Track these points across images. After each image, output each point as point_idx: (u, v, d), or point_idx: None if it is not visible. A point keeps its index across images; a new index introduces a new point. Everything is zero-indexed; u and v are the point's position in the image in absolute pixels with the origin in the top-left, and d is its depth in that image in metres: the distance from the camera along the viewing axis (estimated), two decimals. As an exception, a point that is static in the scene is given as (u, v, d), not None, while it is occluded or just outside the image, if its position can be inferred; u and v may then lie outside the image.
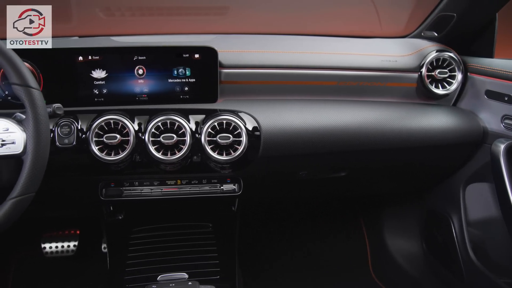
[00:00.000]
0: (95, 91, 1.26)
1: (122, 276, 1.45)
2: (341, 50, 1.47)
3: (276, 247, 2.09)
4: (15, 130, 0.97)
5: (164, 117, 1.22)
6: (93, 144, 1.19)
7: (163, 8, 1.74)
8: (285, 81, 1.37)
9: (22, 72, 0.97)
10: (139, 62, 1.26)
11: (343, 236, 2.13)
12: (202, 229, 1.59)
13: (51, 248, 1.95)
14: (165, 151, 1.21)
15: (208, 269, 1.46)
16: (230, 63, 1.33)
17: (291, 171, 1.44)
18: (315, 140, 1.31)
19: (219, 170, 1.32)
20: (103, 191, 1.33)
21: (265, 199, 1.82)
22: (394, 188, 1.82)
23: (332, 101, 1.41)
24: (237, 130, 1.23)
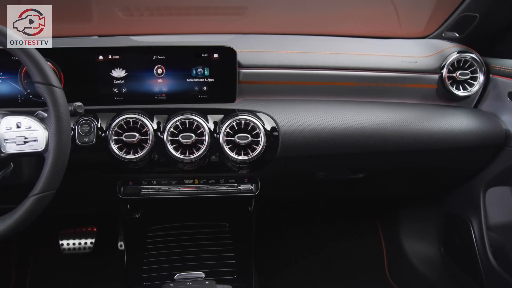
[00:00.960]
0: (115, 90, 1.27)
1: (139, 274, 1.46)
2: (360, 50, 1.46)
3: (292, 248, 2.08)
4: (38, 128, 0.98)
5: (182, 116, 1.22)
6: (112, 143, 1.20)
7: (181, 8, 1.75)
8: (304, 81, 1.36)
9: (45, 71, 0.98)
10: (159, 62, 1.27)
11: (359, 239, 2.11)
12: (219, 228, 1.59)
13: (68, 245, 1.97)
14: (184, 150, 1.22)
15: (224, 269, 1.46)
16: (248, 63, 1.33)
17: (309, 172, 1.44)
18: (333, 141, 1.30)
19: (237, 170, 1.32)
20: (121, 189, 1.34)
21: (281, 199, 1.82)
22: (412, 190, 1.80)
23: (350, 102, 1.40)
24: (255, 130, 1.23)
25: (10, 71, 1.24)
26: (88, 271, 1.98)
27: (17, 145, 0.98)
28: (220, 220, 1.61)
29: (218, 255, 1.51)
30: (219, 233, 1.58)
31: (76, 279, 1.95)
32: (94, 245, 1.97)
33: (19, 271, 1.97)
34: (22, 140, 0.98)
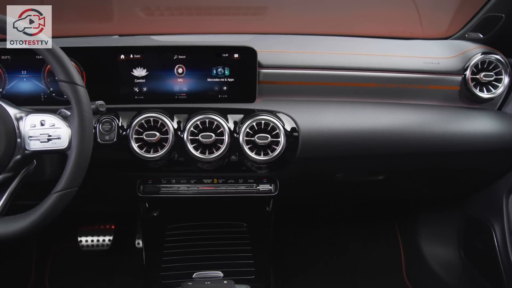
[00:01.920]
0: (136, 89, 1.28)
1: (158, 271, 1.47)
2: (381, 51, 1.44)
3: (309, 249, 2.07)
4: (61, 126, 0.99)
5: (203, 116, 1.23)
6: (133, 141, 1.21)
7: (201, 7, 1.76)
8: (324, 82, 1.35)
9: (69, 69, 0.99)
10: (179, 61, 1.27)
11: (376, 241, 2.09)
12: (236, 228, 1.59)
13: (87, 241, 2.00)
14: (203, 149, 1.22)
15: (242, 269, 1.46)
16: (268, 63, 1.33)
17: (328, 173, 1.43)
18: (353, 143, 1.29)
19: (256, 170, 1.32)
20: (141, 187, 1.35)
21: (299, 200, 1.82)
22: (432, 193, 1.78)
23: (371, 103, 1.38)
24: (275, 130, 1.23)
25: (34, 70, 1.26)
26: (106, 267, 2.00)
27: (41, 142, 1.00)
28: (237, 220, 1.62)
29: (236, 255, 1.51)
30: (237, 233, 1.58)
31: (94, 275, 1.97)
32: (112, 242, 2.00)
33: (38, 266, 2.01)
34: (46, 138, 0.99)
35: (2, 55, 1.25)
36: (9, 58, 1.25)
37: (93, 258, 2.04)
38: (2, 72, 1.25)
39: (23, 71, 1.26)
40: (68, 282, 1.96)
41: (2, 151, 0.96)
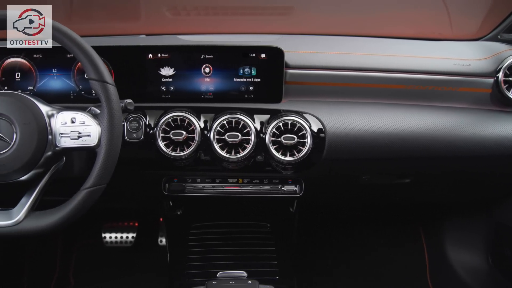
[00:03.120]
0: (163, 88, 1.29)
1: (182, 269, 1.48)
2: (410, 52, 1.42)
3: (332, 251, 2.05)
4: (91, 124, 1.00)
5: (229, 115, 1.23)
6: (160, 140, 1.22)
7: (227, 7, 1.76)
8: (351, 83, 1.34)
9: (100, 68, 1.01)
10: (206, 61, 1.28)
11: (400, 245, 2.06)
12: (260, 228, 1.59)
13: (111, 238, 2.03)
14: (229, 149, 1.22)
15: (266, 269, 1.46)
16: (295, 64, 1.32)
17: (354, 174, 1.41)
18: (380, 145, 1.28)
19: (281, 171, 1.31)
20: (166, 186, 1.36)
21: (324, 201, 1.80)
22: (460, 197, 1.74)
23: (399, 105, 1.36)
24: (302, 131, 1.22)
25: (64, 68, 1.28)
26: (129, 264, 2.03)
27: (71, 139, 1.01)
28: (261, 220, 1.61)
29: (259, 255, 1.51)
30: (260, 233, 1.58)
31: (117, 271, 2.00)
32: (135, 239, 2.02)
33: (63, 261, 2.04)
34: (76, 135, 1.01)
35: (34, 53, 1.27)
36: (41, 56, 1.27)
37: (117, 255, 2.07)
38: (34, 71, 1.28)
39: (53, 69, 1.28)
40: (92, 277, 1.99)
41: (34, 147, 0.98)
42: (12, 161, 0.98)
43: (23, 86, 1.28)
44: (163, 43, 1.31)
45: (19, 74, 1.28)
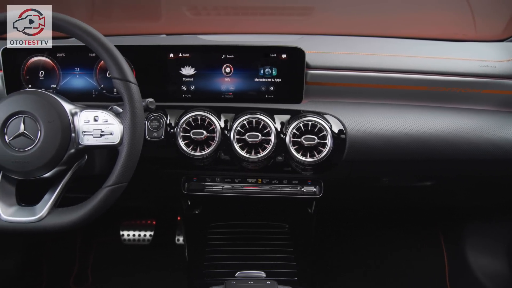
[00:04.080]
0: (183, 87, 1.30)
1: (200, 268, 1.48)
2: (432, 53, 1.40)
3: (350, 253, 2.04)
4: (114, 122, 1.01)
5: (249, 115, 1.23)
6: (180, 139, 1.22)
7: (247, 7, 1.76)
8: (373, 84, 1.32)
9: (123, 67, 1.01)
10: (227, 61, 1.28)
11: (419, 249, 2.03)
12: (278, 229, 1.59)
13: (128, 235, 2.05)
14: (249, 149, 1.22)
15: (285, 270, 1.45)
16: (316, 64, 1.31)
17: (374, 176, 1.40)
18: (401, 147, 1.26)
19: (300, 172, 1.31)
20: (185, 185, 1.36)
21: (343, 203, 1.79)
22: (483, 201, 1.71)
23: (421, 106, 1.34)
24: (322, 132, 1.21)
25: (87, 67, 1.29)
26: (146, 262, 2.04)
27: (94, 137, 1.02)
28: (279, 221, 1.61)
29: (278, 256, 1.51)
30: (278, 234, 1.58)
31: (135, 269, 2.01)
32: (152, 237, 2.04)
33: (82, 258, 2.07)
34: (99, 133, 1.02)
35: (58, 52, 1.29)
36: (64, 55, 1.29)
37: (134, 252, 2.09)
38: (57, 69, 1.29)
39: (76, 68, 1.29)
40: (110, 274, 2.01)
41: (58, 145, 0.99)
42: (36, 158, 0.99)
43: (46, 84, 1.30)
44: (184, 43, 1.32)
45: (42, 73, 1.29)
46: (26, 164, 0.99)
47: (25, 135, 1.00)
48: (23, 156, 0.99)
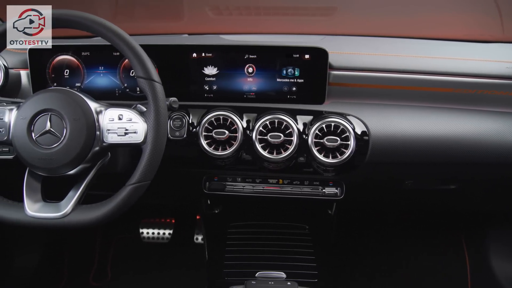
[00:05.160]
0: (206, 87, 1.30)
1: (220, 268, 1.48)
2: (458, 54, 1.38)
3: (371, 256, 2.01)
4: (138, 121, 1.02)
5: (272, 116, 1.22)
6: (202, 138, 1.22)
7: (270, 7, 1.76)
8: (397, 85, 1.30)
9: (147, 66, 1.02)
10: (250, 61, 1.28)
11: (441, 253, 1.99)
12: (298, 230, 1.58)
13: (148, 233, 2.07)
14: (271, 150, 1.22)
15: (305, 271, 1.44)
16: (339, 65, 1.30)
17: (397, 179, 1.38)
18: (426, 149, 1.24)
19: (322, 173, 1.30)
20: (206, 184, 1.37)
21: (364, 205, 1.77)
22: (507, 206, 1.67)
23: (446, 109, 1.31)
24: (345, 133, 1.20)
25: (110, 66, 1.31)
26: (166, 259, 2.06)
27: (118, 136, 1.03)
28: (298, 221, 1.60)
29: (298, 257, 1.50)
30: (298, 235, 1.57)
31: (154, 266, 2.03)
32: (171, 235, 2.05)
33: (101, 254, 2.09)
34: (123, 132, 1.02)
35: (83, 51, 1.30)
36: (89, 54, 1.31)
37: (153, 250, 2.11)
38: (82, 68, 1.31)
39: (100, 67, 1.31)
40: (129, 271, 2.03)
41: (83, 142, 1.00)
42: (62, 155, 1.00)
43: (71, 83, 1.31)
44: (206, 43, 1.32)
45: (67, 71, 1.31)
46: (51, 161, 1.01)
47: (51, 133, 1.01)
48: (49, 153, 1.00)
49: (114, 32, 1.01)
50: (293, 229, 1.59)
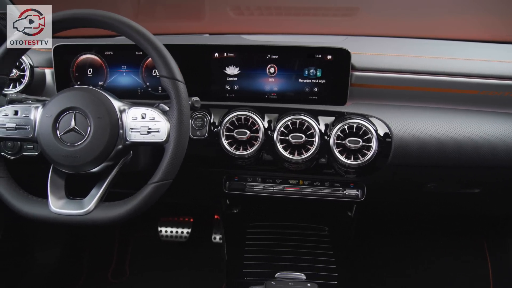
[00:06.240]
0: (227, 87, 1.30)
1: (240, 268, 1.48)
2: (484, 56, 1.35)
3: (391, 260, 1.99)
4: (161, 120, 1.02)
5: (293, 116, 1.22)
6: (224, 138, 1.23)
7: (290, 8, 1.75)
8: (421, 87, 1.28)
9: (171, 66, 1.02)
10: (272, 61, 1.27)
11: (462, 259, 1.96)
12: (318, 231, 1.57)
13: (166, 232, 2.08)
14: (292, 150, 1.21)
15: (325, 273, 1.43)
16: (362, 66, 1.29)
17: (419, 181, 1.36)
18: (450, 152, 1.22)
19: (343, 174, 1.29)
20: (226, 184, 1.37)
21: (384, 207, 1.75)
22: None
23: (471, 111, 1.29)
24: (367, 135, 1.19)
25: (133, 65, 1.32)
26: (184, 258, 2.07)
27: (141, 134, 1.03)
28: (317, 223, 1.59)
29: (318, 259, 1.49)
30: (318, 236, 1.56)
31: (173, 265, 2.04)
32: (190, 234, 2.05)
33: (120, 252, 2.11)
34: (146, 130, 1.03)
35: (106, 50, 1.32)
36: (112, 53, 1.32)
37: (172, 248, 2.12)
38: (105, 67, 1.32)
39: (123, 66, 1.32)
40: (147, 269, 2.05)
41: (107, 141, 1.01)
42: (86, 153, 1.01)
43: (94, 81, 1.33)
44: (228, 43, 1.32)
45: (91, 70, 1.33)
46: (76, 159, 1.02)
47: (75, 131, 1.02)
48: (73, 150, 1.01)
49: (139, 32, 1.02)
50: (312, 231, 1.58)
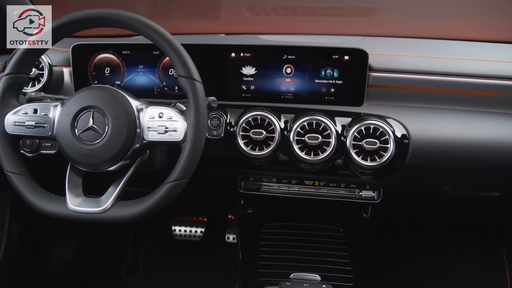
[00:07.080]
0: (243, 87, 1.30)
1: (255, 268, 1.48)
2: (504, 57, 1.32)
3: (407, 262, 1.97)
4: (178, 119, 1.02)
5: (310, 117, 1.21)
6: (240, 138, 1.23)
7: (307, 8, 1.74)
8: (439, 88, 1.27)
9: (189, 65, 1.03)
10: (288, 61, 1.27)
11: (480, 263, 1.93)
12: (333, 232, 1.56)
13: (180, 231, 2.09)
14: (308, 151, 1.21)
15: (340, 274, 1.42)
16: (379, 67, 1.28)
17: (436, 184, 1.34)
18: (468, 154, 1.20)
19: (359, 175, 1.28)
20: (242, 183, 1.37)
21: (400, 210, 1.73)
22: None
23: (490, 113, 1.27)
24: (384, 136, 1.18)
25: (150, 65, 1.33)
26: (197, 257, 2.07)
27: (158, 133, 1.03)
28: (332, 224, 1.58)
29: (332, 260, 1.48)
30: (333, 237, 1.55)
31: (186, 264, 2.05)
32: (203, 234, 2.06)
33: (134, 251, 2.13)
34: (163, 130, 1.03)
35: (123, 50, 1.33)
36: (129, 53, 1.33)
37: (185, 247, 2.13)
38: (122, 66, 1.33)
39: (140, 65, 1.33)
40: (161, 267, 2.06)
41: (124, 139, 1.02)
42: (103, 151, 1.02)
43: (111, 80, 1.34)
44: (244, 43, 1.32)
45: (108, 69, 1.34)
46: (93, 157, 1.02)
47: (93, 129, 1.03)
48: (91, 149, 1.02)
49: (157, 31, 1.03)
50: (327, 232, 1.57)
